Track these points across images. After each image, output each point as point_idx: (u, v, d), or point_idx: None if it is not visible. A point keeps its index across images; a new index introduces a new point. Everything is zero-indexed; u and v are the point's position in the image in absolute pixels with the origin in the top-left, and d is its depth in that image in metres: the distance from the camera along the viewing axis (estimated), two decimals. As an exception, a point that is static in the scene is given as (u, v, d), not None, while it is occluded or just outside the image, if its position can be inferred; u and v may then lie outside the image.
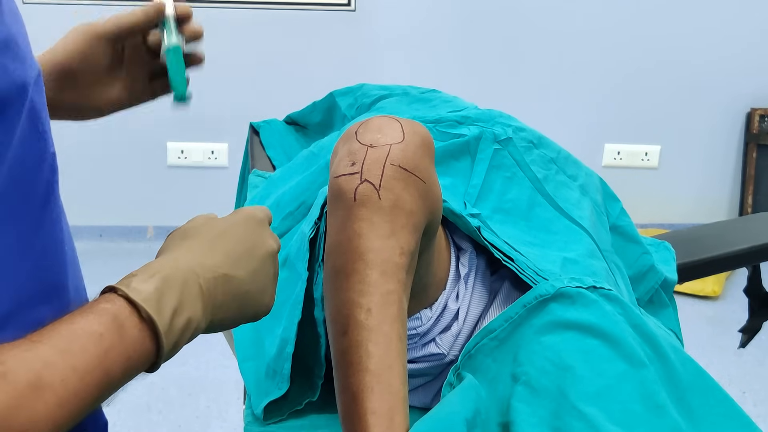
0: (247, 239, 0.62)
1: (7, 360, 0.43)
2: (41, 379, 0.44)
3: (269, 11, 2.81)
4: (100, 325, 0.48)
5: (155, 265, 0.54)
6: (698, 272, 1.39)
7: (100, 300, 0.51)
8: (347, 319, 0.73)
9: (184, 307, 0.53)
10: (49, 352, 0.45)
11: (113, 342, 0.48)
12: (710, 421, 0.76)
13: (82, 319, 0.48)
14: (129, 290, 0.51)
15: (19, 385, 0.43)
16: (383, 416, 0.70)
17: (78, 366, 0.46)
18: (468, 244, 0.96)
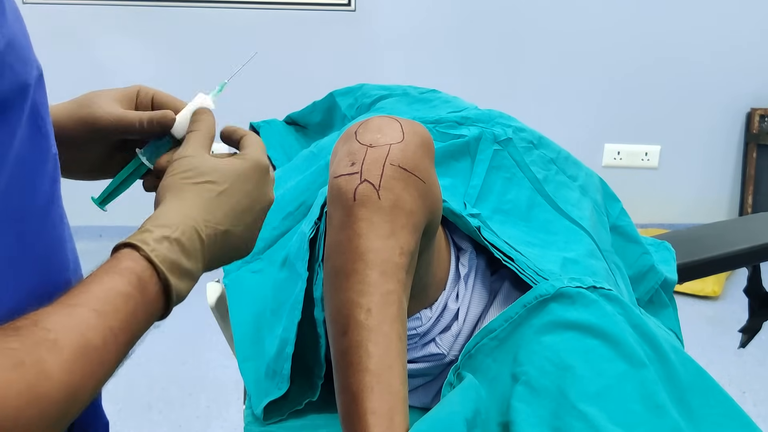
0: (251, 194, 0.64)
1: (54, 327, 0.45)
2: (88, 343, 0.46)
3: (269, 11, 2.81)
4: (127, 285, 0.51)
5: (166, 219, 0.57)
6: (698, 272, 1.39)
7: (121, 258, 0.53)
8: (347, 319, 0.73)
9: (191, 267, 0.56)
10: (89, 315, 0.47)
11: (138, 301, 0.51)
12: (710, 421, 0.76)
13: (111, 280, 0.51)
14: (150, 251, 0.53)
15: (70, 350, 0.45)
16: (383, 416, 0.70)
17: (114, 326, 0.49)
18: (468, 244, 0.96)
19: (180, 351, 2.25)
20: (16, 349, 0.44)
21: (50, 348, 0.45)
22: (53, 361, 0.45)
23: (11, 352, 0.43)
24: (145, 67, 2.82)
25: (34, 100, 0.52)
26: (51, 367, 0.44)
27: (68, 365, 0.45)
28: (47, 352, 0.45)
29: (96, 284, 0.50)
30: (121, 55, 2.81)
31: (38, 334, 0.45)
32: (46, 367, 0.44)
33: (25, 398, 0.43)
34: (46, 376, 0.44)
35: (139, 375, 2.12)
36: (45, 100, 0.55)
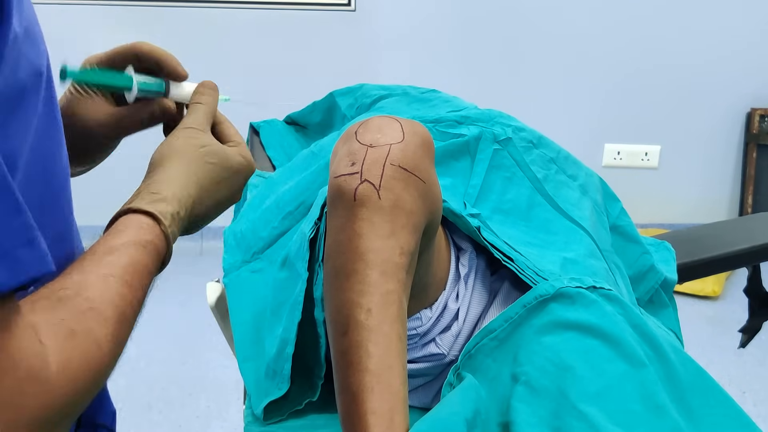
0: (233, 188, 0.70)
1: (95, 298, 0.49)
2: (123, 314, 0.50)
3: (269, 11, 2.81)
4: (150, 261, 0.56)
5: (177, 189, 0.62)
6: (698, 272, 1.39)
7: (146, 230, 0.57)
8: (347, 319, 0.73)
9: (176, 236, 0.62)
10: (121, 287, 0.51)
11: (153, 275, 0.57)
12: (710, 421, 0.76)
13: (138, 253, 0.54)
14: (167, 228, 0.58)
15: (114, 320, 0.49)
16: (383, 416, 0.70)
17: (140, 299, 0.53)
18: (468, 244, 0.96)
19: (180, 351, 2.25)
20: (66, 320, 0.46)
21: (96, 319, 0.48)
22: (101, 331, 0.48)
23: (62, 322, 0.45)
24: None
25: (47, 89, 0.53)
26: (100, 336, 0.47)
27: (113, 335, 0.49)
28: (95, 322, 0.47)
29: (125, 255, 0.54)
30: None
31: (83, 305, 0.48)
32: (96, 336, 0.47)
33: (82, 366, 0.45)
34: (98, 345, 0.47)
35: (139, 375, 2.12)
36: (55, 89, 0.56)
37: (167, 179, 0.62)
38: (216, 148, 0.68)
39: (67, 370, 0.44)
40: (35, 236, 0.41)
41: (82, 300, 0.48)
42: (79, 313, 0.47)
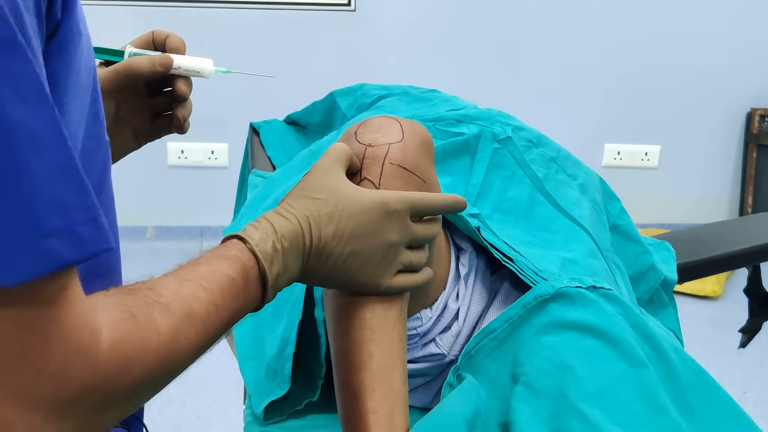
0: (365, 225, 0.68)
1: (165, 293, 0.50)
2: (193, 310, 0.51)
3: (269, 11, 2.81)
4: (233, 270, 0.57)
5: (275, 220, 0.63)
6: (698, 272, 1.38)
7: (229, 246, 0.60)
8: (350, 318, 0.73)
9: (290, 266, 0.63)
10: (197, 289, 0.53)
11: (240, 286, 0.57)
12: (710, 421, 0.76)
13: (218, 263, 0.57)
14: (254, 245, 0.60)
15: (179, 314, 0.50)
16: (384, 416, 0.70)
17: (217, 302, 0.54)
18: (468, 244, 0.96)
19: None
20: (129, 306, 0.48)
21: (161, 310, 0.49)
22: (163, 321, 0.49)
23: (125, 307, 0.47)
24: (145, 67, 2.82)
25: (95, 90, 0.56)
26: (160, 324, 0.48)
27: (175, 327, 0.49)
28: (158, 312, 0.49)
29: (205, 265, 0.56)
30: (121, 55, 2.82)
31: (151, 297, 0.50)
32: (156, 324, 0.48)
33: (136, 350, 0.46)
34: (157, 331, 0.48)
35: (139, 375, 2.11)
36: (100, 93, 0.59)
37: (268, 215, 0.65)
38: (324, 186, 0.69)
39: (118, 349, 0.45)
40: (98, 215, 0.43)
41: (151, 293, 0.50)
42: (145, 302, 0.49)
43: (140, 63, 0.78)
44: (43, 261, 0.39)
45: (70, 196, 0.41)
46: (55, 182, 0.41)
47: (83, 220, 0.42)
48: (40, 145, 0.40)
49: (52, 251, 0.40)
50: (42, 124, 0.40)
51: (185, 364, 0.52)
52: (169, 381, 0.52)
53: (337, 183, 0.68)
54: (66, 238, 0.40)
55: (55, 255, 0.40)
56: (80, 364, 0.43)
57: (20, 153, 0.39)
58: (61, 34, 0.48)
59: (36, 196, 0.39)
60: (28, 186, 0.39)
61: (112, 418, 0.47)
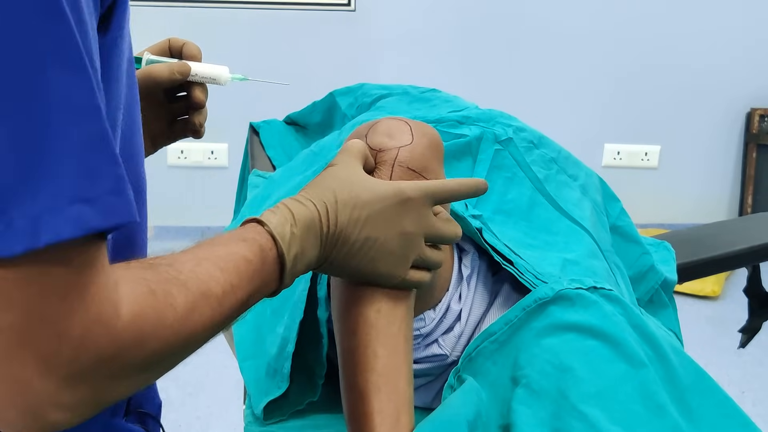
0: (383, 214, 0.68)
1: (184, 270, 0.51)
2: (210, 289, 0.52)
3: (269, 11, 2.81)
4: (249, 252, 0.58)
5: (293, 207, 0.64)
6: (698, 272, 1.39)
7: (248, 230, 0.60)
8: (356, 318, 0.74)
9: (308, 251, 0.63)
10: (213, 268, 0.54)
11: (257, 268, 0.58)
12: (710, 422, 0.76)
13: (236, 245, 0.57)
14: (273, 228, 0.60)
15: (195, 292, 0.51)
16: (390, 416, 0.71)
17: (234, 282, 0.55)
18: (470, 245, 0.96)
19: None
20: (149, 280, 0.48)
21: (179, 286, 0.50)
22: (180, 297, 0.50)
23: (145, 281, 0.48)
24: (145, 66, 2.82)
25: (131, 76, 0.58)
26: (178, 301, 0.49)
27: (192, 304, 0.50)
28: (176, 288, 0.50)
29: (222, 246, 0.57)
30: (121, 55, 2.82)
31: (171, 273, 0.51)
32: (173, 300, 0.49)
33: (153, 324, 0.47)
34: (174, 308, 0.49)
35: (139, 375, 2.11)
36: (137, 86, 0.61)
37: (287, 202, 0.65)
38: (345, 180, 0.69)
39: (137, 323, 0.46)
40: (126, 187, 0.44)
41: (170, 269, 0.51)
42: (163, 277, 0.50)
43: (160, 71, 0.80)
44: (70, 225, 0.40)
45: (100, 165, 0.42)
46: (87, 150, 0.42)
47: (111, 189, 0.43)
48: (75, 112, 0.41)
49: (80, 216, 0.41)
50: (80, 93, 0.41)
51: (199, 341, 0.53)
52: (183, 357, 0.53)
53: (354, 174, 0.69)
54: (94, 205, 0.41)
55: (82, 220, 0.41)
56: (99, 332, 0.44)
57: (56, 118, 0.40)
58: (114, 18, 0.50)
59: (68, 162, 0.40)
60: (61, 151, 0.40)
61: (124, 390, 0.49)
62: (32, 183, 0.39)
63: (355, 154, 0.72)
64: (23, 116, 0.39)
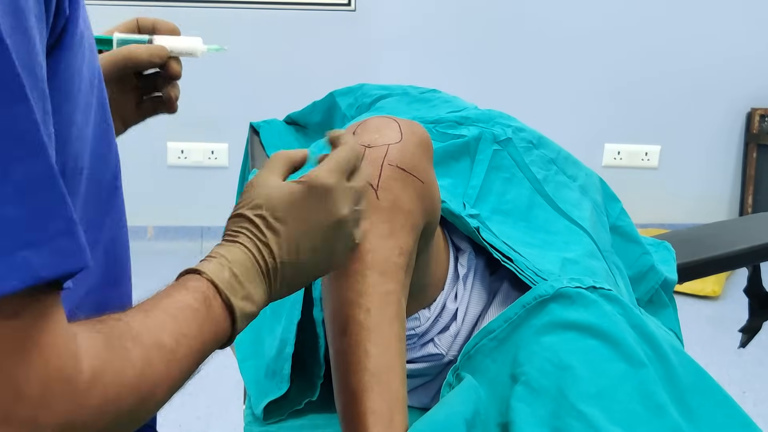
0: (306, 220, 0.62)
1: (135, 324, 0.48)
2: (164, 342, 0.49)
3: (269, 11, 2.81)
4: (195, 300, 0.53)
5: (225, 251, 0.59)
6: (698, 272, 1.39)
7: (187, 279, 0.55)
8: (346, 319, 0.73)
9: (253, 291, 0.58)
10: (164, 318, 0.50)
11: (204, 315, 0.54)
12: (710, 421, 0.76)
13: (179, 294, 0.53)
14: (211, 274, 0.56)
15: (148, 344, 0.48)
16: (383, 416, 0.70)
17: (186, 332, 0.51)
18: (467, 244, 0.96)
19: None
20: (104, 334, 0.45)
21: (133, 339, 0.47)
22: (136, 351, 0.46)
23: (100, 336, 0.45)
24: (145, 67, 2.82)
25: (101, 89, 0.54)
26: (134, 355, 0.46)
27: (148, 358, 0.47)
28: (131, 342, 0.46)
29: (166, 297, 0.53)
30: (121, 55, 2.82)
31: (122, 327, 0.47)
32: (130, 355, 0.46)
33: (115, 380, 0.44)
34: (132, 363, 0.46)
35: (139, 375, 2.11)
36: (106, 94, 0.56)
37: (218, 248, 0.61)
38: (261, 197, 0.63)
39: (99, 379, 0.43)
40: (76, 230, 0.40)
41: (122, 323, 0.48)
42: (118, 333, 0.47)
43: (138, 54, 0.77)
44: (16, 275, 0.37)
45: (47, 207, 0.39)
46: (33, 191, 0.38)
47: (61, 232, 0.39)
48: (21, 149, 0.37)
49: (26, 264, 0.37)
50: (24, 127, 0.38)
51: (158, 399, 0.50)
52: (144, 417, 0.49)
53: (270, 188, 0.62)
54: (42, 251, 0.38)
55: (30, 269, 0.37)
56: (62, 391, 0.40)
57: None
58: (69, 31, 0.46)
59: (11, 205, 0.37)
60: (4, 192, 0.37)
61: None
62: None
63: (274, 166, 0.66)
64: None
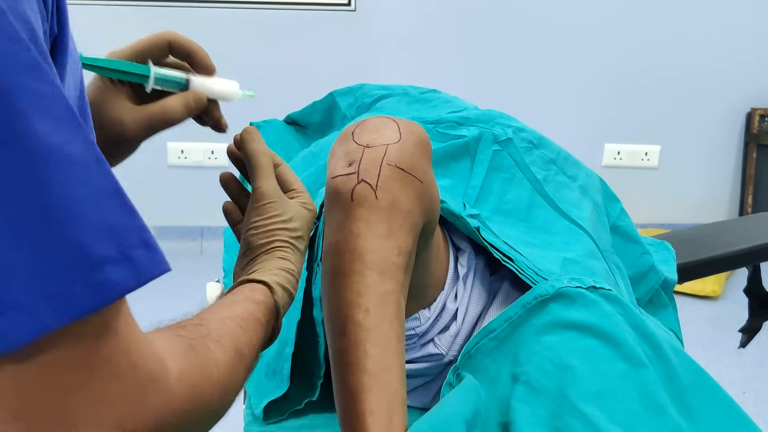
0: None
1: (214, 329, 0.52)
2: (238, 349, 0.53)
3: (269, 11, 2.81)
4: (263, 316, 0.60)
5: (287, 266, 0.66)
6: (698, 272, 1.39)
7: (259, 291, 0.62)
8: (345, 319, 0.73)
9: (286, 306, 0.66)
10: (237, 329, 0.55)
11: (266, 330, 0.60)
12: (710, 421, 0.76)
13: (251, 306, 0.59)
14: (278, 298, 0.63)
15: (230, 349, 0.52)
16: (382, 416, 0.70)
17: (253, 343, 0.57)
18: (467, 244, 0.96)
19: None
20: (185, 337, 0.48)
21: (215, 342, 0.50)
22: (219, 353, 0.50)
23: (181, 338, 0.47)
24: (145, 67, 2.82)
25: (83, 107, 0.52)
26: (217, 356, 0.49)
27: (229, 361, 0.51)
28: (213, 344, 0.50)
29: (240, 306, 0.58)
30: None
31: (203, 331, 0.51)
32: (214, 355, 0.49)
33: (200, 378, 0.46)
34: (216, 363, 0.49)
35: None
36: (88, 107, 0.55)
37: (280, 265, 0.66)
38: (294, 216, 0.69)
39: (185, 378, 0.44)
40: (150, 237, 0.41)
41: (203, 328, 0.51)
42: (200, 335, 0.49)
43: (177, 112, 0.72)
44: (100, 292, 0.37)
45: (119, 219, 0.39)
46: (103, 206, 0.38)
47: (136, 243, 0.40)
48: (81, 169, 0.38)
49: (108, 280, 0.38)
50: (79, 148, 0.38)
51: (233, 399, 0.52)
52: (218, 418, 0.51)
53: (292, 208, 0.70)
54: (122, 264, 0.38)
55: (112, 284, 0.38)
56: (153, 393, 0.42)
57: (62, 179, 0.36)
58: (59, 50, 0.45)
59: (85, 223, 0.37)
60: (75, 213, 0.37)
61: None
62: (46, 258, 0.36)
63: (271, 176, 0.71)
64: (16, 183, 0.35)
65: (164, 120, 0.72)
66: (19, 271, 0.35)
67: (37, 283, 0.35)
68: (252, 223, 0.67)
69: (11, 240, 0.35)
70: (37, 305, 0.36)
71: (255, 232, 0.67)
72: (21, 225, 0.35)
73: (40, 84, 0.37)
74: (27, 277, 0.35)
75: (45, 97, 0.37)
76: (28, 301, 0.35)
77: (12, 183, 0.35)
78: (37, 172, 0.36)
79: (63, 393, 0.38)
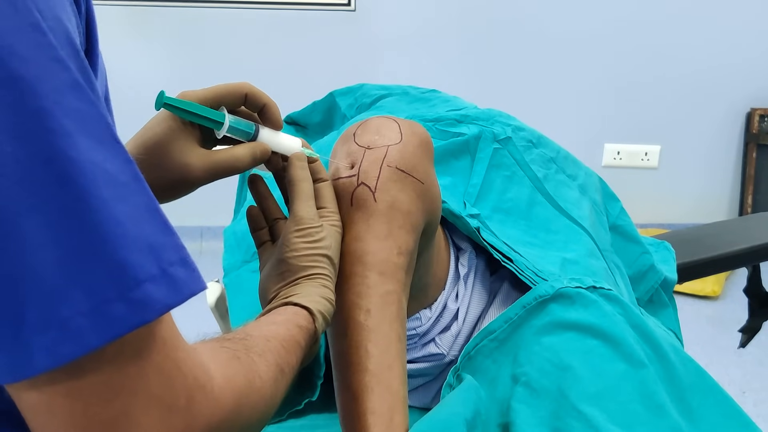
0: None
1: (258, 345, 0.54)
2: (280, 367, 0.56)
3: (269, 11, 2.81)
4: (303, 340, 0.62)
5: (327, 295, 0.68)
6: (698, 272, 1.38)
7: (303, 316, 0.64)
8: (347, 321, 0.73)
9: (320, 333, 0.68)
10: (280, 348, 0.57)
11: (305, 353, 0.63)
12: (710, 421, 0.76)
13: (294, 329, 0.62)
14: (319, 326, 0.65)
15: (273, 364, 0.54)
16: (383, 416, 0.70)
17: (292, 363, 0.59)
18: (467, 244, 0.96)
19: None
20: (230, 348, 0.49)
21: (259, 356, 0.52)
22: (262, 365, 0.52)
23: (226, 349, 0.49)
24: (144, 67, 2.82)
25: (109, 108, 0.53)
26: (261, 368, 0.51)
27: (272, 375, 0.53)
28: (257, 357, 0.52)
29: (284, 328, 0.61)
30: (120, 56, 2.81)
31: (249, 344, 0.53)
32: (258, 367, 0.51)
33: (246, 386, 0.48)
34: (259, 374, 0.50)
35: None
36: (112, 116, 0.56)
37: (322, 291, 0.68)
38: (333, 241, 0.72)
39: (231, 385, 0.46)
40: (187, 255, 0.42)
41: (248, 341, 0.53)
42: (245, 348, 0.51)
43: (244, 160, 0.72)
44: (142, 310, 0.38)
45: (159, 237, 0.40)
46: (143, 224, 0.39)
47: (175, 261, 0.40)
48: (121, 187, 0.38)
49: (150, 298, 0.38)
50: (118, 166, 0.38)
51: (272, 412, 0.54)
52: (260, 429, 0.53)
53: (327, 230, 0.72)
54: (162, 282, 0.39)
55: (154, 301, 0.39)
56: (201, 399, 0.43)
57: (104, 197, 0.37)
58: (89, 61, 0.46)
59: (126, 241, 0.38)
60: (117, 231, 0.37)
61: None
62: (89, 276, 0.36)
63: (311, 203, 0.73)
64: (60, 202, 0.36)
65: (231, 167, 0.72)
66: (62, 289, 0.36)
67: (80, 301, 0.36)
68: (294, 245, 0.69)
69: (55, 257, 0.36)
70: (81, 324, 0.36)
71: (297, 255, 0.69)
72: (65, 243, 0.36)
73: (79, 103, 0.37)
74: (71, 295, 0.36)
75: (85, 116, 0.37)
76: (72, 319, 0.36)
77: (56, 202, 0.36)
78: (79, 191, 0.36)
79: (115, 402, 0.39)
